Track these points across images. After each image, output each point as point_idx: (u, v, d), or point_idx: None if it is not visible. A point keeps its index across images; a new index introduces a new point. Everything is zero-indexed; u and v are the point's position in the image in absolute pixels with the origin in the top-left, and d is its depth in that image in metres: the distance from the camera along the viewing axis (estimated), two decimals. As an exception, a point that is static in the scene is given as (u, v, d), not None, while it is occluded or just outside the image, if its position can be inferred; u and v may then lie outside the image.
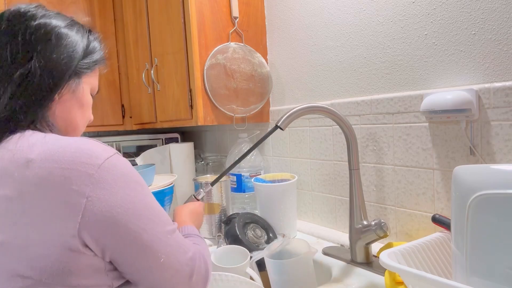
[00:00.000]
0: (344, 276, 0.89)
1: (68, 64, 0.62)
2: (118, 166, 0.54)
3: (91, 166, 0.51)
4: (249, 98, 1.35)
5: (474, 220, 0.60)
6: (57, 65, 0.61)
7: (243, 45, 1.36)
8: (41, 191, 0.50)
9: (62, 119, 0.64)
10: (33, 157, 0.52)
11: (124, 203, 0.53)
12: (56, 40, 0.61)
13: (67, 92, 0.63)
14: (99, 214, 0.51)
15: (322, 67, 1.20)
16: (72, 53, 0.63)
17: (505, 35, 0.78)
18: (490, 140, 0.81)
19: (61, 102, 0.63)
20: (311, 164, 1.26)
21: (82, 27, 0.68)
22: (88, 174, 0.51)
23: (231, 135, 1.71)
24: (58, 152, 0.52)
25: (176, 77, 1.38)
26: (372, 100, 1.04)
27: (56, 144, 0.54)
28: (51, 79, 0.60)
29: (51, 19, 0.63)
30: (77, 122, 0.67)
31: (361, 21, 1.06)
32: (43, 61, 0.59)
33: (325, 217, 1.23)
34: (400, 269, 0.64)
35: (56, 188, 0.50)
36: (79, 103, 0.66)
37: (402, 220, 1.00)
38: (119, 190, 0.53)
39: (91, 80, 0.69)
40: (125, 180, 0.54)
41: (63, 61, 0.61)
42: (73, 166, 0.51)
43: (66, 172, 0.51)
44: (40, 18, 0.62)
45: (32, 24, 0.60)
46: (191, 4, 1.25)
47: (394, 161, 1.00)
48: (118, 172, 0.54)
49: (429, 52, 0.91)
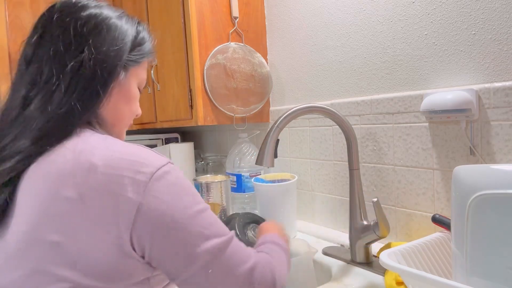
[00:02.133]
0: (344, 276, 0.89)
1: (118, 56, 0.60)
2: (170, 176, 0.54)
3: (145, 174, 0.52)
4: (249, 98, 1.35)
5: (474, 220, 0.60)
6: (108, 57, 0.59)
7: (243, 45, 1.36)
8: (100, 197, 0.51)
9: (110, 113, 0.63)
10: (95, 161, 0.52)
11: (174, 213, 0.52)
12: (107, 31, 0.60)
13: (115, 85, 0.62)
14: (149, 222, 0.51)
15: (322, 67, 1.20)
16: (122, 44, 0.61)
17: (505, 35, 0.78)
18: (490, 140, 0.81)
19: (110, 95, 0.62)
20: (311, 164, 1.26)
21: (131, 18, 0.66)
22: (141, 182, 0.52)
23: (231, 135, 1.71)
24: (118, 159, 0.53)
25: (176, 77, 1.38)
26: (372, 100, 1.04)
27: (116, 150, 0.54)
28: (103, 72, 0.58)
29: (101, 10, 0.61)
30: (124, 116, 0.66)
31: (361, 21, 1.06)
32: (94, 52, 0.57)
33: (325, 217, 1.23)
34: (400, 269, 0.64)
35: (113, 194, 0.51)
36: (126, 97, 0.65)
37: (402, 220, 1.00)
38: (170, 200, 0.53)
39: (139, 73, 0.67)
40: (175, 189, 0.54)
41: (112, 53, 0.59)
42: (129, 174, 0.52)
43: (123, 180, 0.51)
44: (90, 8, 0.60)
45: (82, 15, 0.59)
46: (191, 4, 1.25)
47: (394, 161, 1.00)
48: (169, 182, 0.54)
49: (429, 52, 0.91)
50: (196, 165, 1.79)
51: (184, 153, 1.61)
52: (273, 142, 0.89)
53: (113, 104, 0.63)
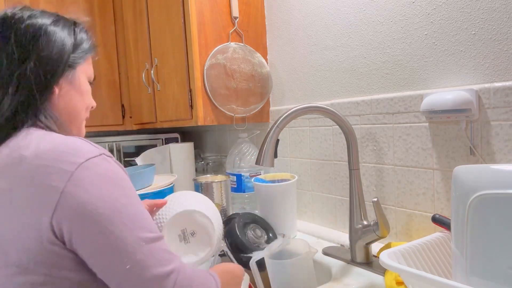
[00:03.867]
0: (344, 276, 0.89)
1: (60, 59, 0.65)
2: (99, 167, 0.56)
3: (72, 164, 0.54)
4: (249, 98, 1.35)
5: (474, 220, 0.60)
6: (50, 61, 0.64)
7: (243, 45, 1.36)
8: (26, 186, 0.54)
9: (65, 109, 0.68)
10: (26, 154, 0.56)
11: (96, 202, 0.54)
12: (46, 38, 0.64)
13: (66, 84, 0.67)
14: (70, 209, 0.53)
15: (322, 67, 1.20)
16: (62, 47, 0.66)
17: (505, 35, 0.78)
18: (490, 140, 0.81)
19: (62, 94, 0.67)
20: (311, 164, 1.27)
21: (67, 21, 0.70)
22: (66, 171, 0.54)
23: (231, 135, 1.71)
24: (48, 150, 0.56)
25: (176, 77, 1.38)
26: (372, 100, 1.04)
27: (49, 142, 0.57)
28: (46, 75, 0.63)
29: (37, 19, 0.65)
30: (79, 109, 0.71)
31: (361, 21, 1.06)
32: (36, 59, 0.62)
33: (325, 217, 1.23)
34: (400, 269, 0.64)
35: (38, 183, 0.54)
36: (78, 92, 0.70)
37: (402, 220, 1.00)
38: (94, 190, 0.54)
39: (86, 68, 0.72)
40: (102, 180, 0.55)
41: (54, 56, 0.65)
42: (56, 163, 0.54)
43: (49, 169, 0.54)
44: (27, 19, 0.64)
45: (21, 27, 0.63)
46: (191, 4, 1.25)
47: (394, 161, 1.00)
48: (96, 172, 0.55)
49: (429, 52, 0.91)
50: (196, 165, 1.79)
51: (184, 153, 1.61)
52: (273, 142, 0.88)
53: (66, 101, 0.68)
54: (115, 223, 0.54)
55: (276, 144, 0.89)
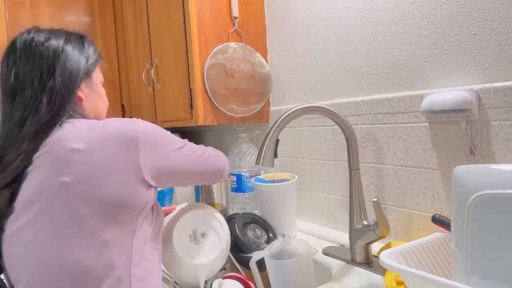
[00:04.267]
0: (344, 276, 0.89)
1: (78, 70, 0.79)
2: (145, 122, 0.75)
3: (132, 123, 0.73)
4: (249, 98, 1.35)
5: (474, 220, 0.60)
6: (72, 72, 0.77)
7: (243, 45, 1.36)
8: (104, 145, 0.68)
9: (91, 111, 0.83)
10: (90, 124, 0.71)
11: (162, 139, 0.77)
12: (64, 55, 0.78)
13: (88, 90, 0.81)
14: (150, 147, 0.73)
15: (322, 67, 1.20)
16: (78, 60, 0.80)
17: (505, 35, 0.78)
18: (490, 140, 0.81)
19: (87, 99, 0.81)
20: (311, 164, 1.27)
21: (75, 36, 0.83)
22: (133, 127, 0.72)
23: (231, 135, 1.71)
24: (105, 122, 0.72)
25: (176, 77, 1.38)
26: (372, 100, 1.04)
27: (101, 120, 0.79)
28: (70, 84, 0.76)
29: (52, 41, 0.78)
30: (102, 109, 0.87)
31: (361, 21, 1.06)
32: (61, 72, 0.76)
33: (325, 217, 1.23)
34: (400, 269, 0.64)
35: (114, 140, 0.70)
36: (98, 95, 0.85)
37: (402, 220, 1.00)
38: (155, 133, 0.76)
39: (98, 75, 0.87)
40: (154, 127, 0.76)
41: (74, 68, 0.78)
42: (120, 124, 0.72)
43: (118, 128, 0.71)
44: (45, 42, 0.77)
45: (43, 49, 0.76)
46: (191, 4, 1.25)
47: (394, 161, 1.00)
48: (147, 124, 0.75)
49: (429, 52, 0.91)
50: (196, 165, 1.78)
51: (184, 153, 1.61)
52: (273, 142, 0.88)
53: (92, 104, 0.83)
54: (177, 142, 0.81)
55: (276, 144, 0.89)
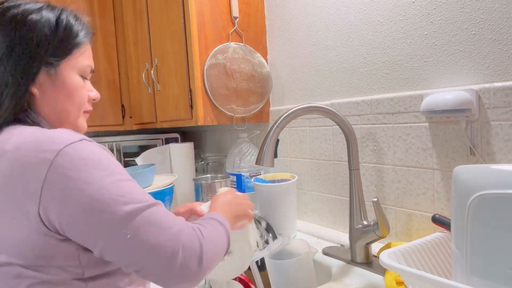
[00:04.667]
0: (344, 276, 0.89)
1: (32, 58, 0.60)
2: (80, 151, 0.54)
3: (50, 152, 0.53)
4: (249, 98, 1.35)
5: (474, 220, 0.60)
6: (21, 60, 0.60)
7: (243, 45, 1.36)
8: (9, 180, 0.53)
9: (52, 111, 0.64)
10: (7, 148, 0.55)
11: (81, 185, 0.52)
12: (18, 34, 0.60)
13: (47, 83, 0.62)
14: (54, 197, 0.52)
15: (322, 67, 1.20)
16: (36, 44, 0.61)
17: (505, 35, 0.78)
18: (490, 140, 0.81)
19: (44, 96, 0.62)
20: (311, 164, 1.26)
21: (52, 9, 0.64)
22: (46, 160, 0.52)
23: (231, 135, 1.71)
24: (28, 142, 0.54)
25: (176, 77, 1.38)
26: (372, 100, 1.04)
27: (29, 134, 0.56)
28: (18, 76, 0.60)
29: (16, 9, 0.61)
30: (68, 109, 0.66)
31: (361, 21, 1.06)
32: (6, 59, 0.59)
33: (325, 217, 1.23)
34: (400, 269, 0.64)
35: (21, 176, 0.53)
36: (64, 91, 0.64)
37: (402, 220, 1.00)
38: (77, 173, 0.52)
39: (76, 62, 0.66)
40: (85, 162, 0.53)
41: (26, 55, 0.60)
42: (36, 153, 0.53)
43: (29, 159, 0.53)
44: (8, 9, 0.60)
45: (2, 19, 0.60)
46: (191, 4, 1.25)
47: (394, 161, 1.00)
48: (78, 156, 0.53)
49: (429, 52, 0.91)
50: (196, 165, 1.79)
51: (184, 153, 1.61)
52: (273, 142, 0.88)
53: (51, 103, 0.64)
54: (105, 200, 0.52)
55: (276, 144, 0.89)
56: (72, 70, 0.65)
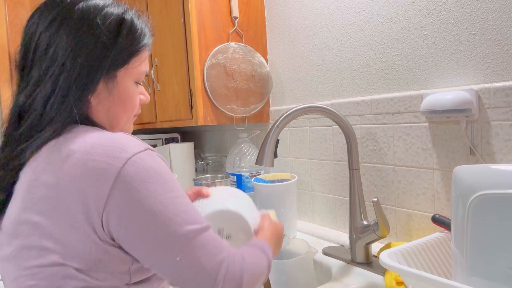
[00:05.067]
0: (344, 276, 0.89)
1: (95, 66, 0.59)
2: (145, 162, 0.54)
3: (120, 160, 0.53)
4: (249, 98, 1.35)
5: (474, 220, 0.60)
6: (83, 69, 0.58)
7: (243, 45, 1.36)
8: (74, 182, 0.52)
9: (103, 115, 0.63)
10: (74, 148, 0.54)
11: (143, 198, 0.53)
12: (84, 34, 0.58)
13: (104, 92, 0.61)
14: (118, 206, 0.52)
15: (322, 67, 1.20)
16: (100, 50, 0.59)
17: (505, 35, 0.78)
18: (490, 140, 0.81)
19: (99, 102, 0.62)
20: (311, 164, 1.26)
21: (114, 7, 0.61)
22: (115, 167, 0.52)
23: (231, 135, 1.71)
24: (95, 145, 0.54)
25: (176, 77, 1.38)
26: (372, 100, 1.04)
27: (97, 138, 0.55)
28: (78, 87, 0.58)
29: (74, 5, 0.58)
30: (119, 117, 0.66)
31: (361, 21, 1.06)
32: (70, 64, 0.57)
33: (325, 217, 1.23)
34: (400, 269, 0.64)
35: (87, 179, 0.52)
36: (118, 100, 0.64)
37: (402, 220, 1.00)
38: (141, 185, 0.53)
39: (134, 71, 0.64)
40: (148, 175, 0.54)
41: (89, 62, 0.58)
42: (105, 159, 0.53)
43: (99, 164, 0.52)
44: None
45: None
46: (191, 4, 1.25)
47: (394, 161, 1.00)
48: (143, 168, 0.54)
49: (429, 52, 0.91)
50: (196, 165, 1.79)
51: (184, 153, 1.61)
52: (273, 142, 0.89)
53: (105, 108, 0.63)
54: (162, 217, 0.53)
55: (276, 144, 0.89)
56: (129, 78, 0.64)
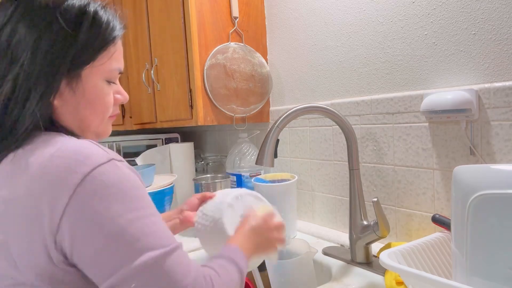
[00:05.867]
0: (344, 276, 0.89)
1: (56, 65, 0.53)
2: (106, 176, 0.49)
3: (77, 175, 0.48)
4: (249, 98, 1.35)
5: (474, 220, 0.60)
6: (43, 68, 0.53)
7: (243, 45, 1.36)
8: (30, 197, 0.49)
9: (71, 118, 0.58)
10: (32, 160, 0.50)
11: (100, 219, 0.48)
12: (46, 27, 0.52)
13: (67, 93, 0.56)
14: (72, 228, 0.48)
15: (322, 67, 1.20)
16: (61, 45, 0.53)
17: (505, 35, 0.78)
18: (490, 140, 0.81)
19: (64, 104, 0.56)
20: (311, 164, 1.26)
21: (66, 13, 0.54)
22: (72, 184, 0.48)
23: (231, 135, 1.71)
24: (53, 157, 0.50)
25: (176, 77, 1.38)
26: (372, 100, 1.04)
27: (55, 148, 0.51)
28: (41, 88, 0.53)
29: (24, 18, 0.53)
30: (89, 119, 0.59)
31: (361, 21, 1.06)
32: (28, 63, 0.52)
33: (325, 217, 1.23)
34: (400, 269, 0.64)
35: (43, 195, 0.48)
36: (85, 101, 0.57)
37: (402, 220, 1.00)
38: (98, 205, 0.48)
39: (101, 69, 0.58)
40: (108, 192, 0.49)
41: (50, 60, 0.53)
42: (61, 173, 0.48)
43: (53, 179, 0.48)
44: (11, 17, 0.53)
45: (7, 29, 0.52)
46: (191, 4, 1.25)
47: (394, 161, 1.00)
48: (103, 183, 0.49)
49: (429, 52, 0.91)
50: (196, 165, 1.79)
51: (184, 153, 1.61)
52: (273, 142, 0.89)
53: (71, 110, 0.57)
54: (121, 242, 0.48)
55: (276, 144, 0.89)
56: (97, 76, 0.58)
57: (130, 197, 0.51)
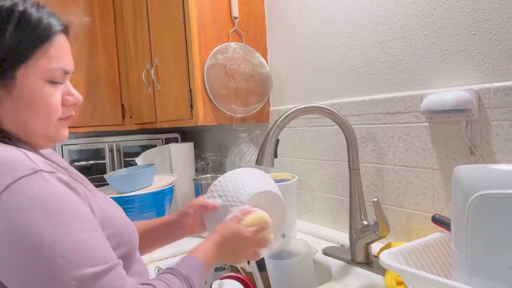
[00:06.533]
0: (344, 276, 0.89)
1: None
2: (30, 188, 0.47)
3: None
4: (249, 98, 1.35)
5: (474, 220, 0.60)
6: None
7: (243, 45, 1.36)
8: None
9: (13, 123, 0.55)
10: None
11: (22, 234, 0.45)
12: None
13: (3, 95, 0.53)
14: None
15: (322, 67, 1.20)
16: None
17: (505, 35, 0.78)
18: (490, 140, 0.81)
19: (2, 106, 0.54)
20: (311, 164, 1.26)
21: None
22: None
23: (231, 135, 1.71)
24: None
25: (176, 77, 1.38)
26: (372, 100, 1.04)
27: None
28: None
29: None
30: (33, 122, 0.56)
31: (361, 21, 1.06)
32: None
33: (325, 217, 1.23)
34: (400, 269, 0.64)
35: None
36: (24, 103, 0.54)
37: (402, 220, 1.00)
38: (20, 219, 0.46)
39: (38, 69, 0.55)
40: (30, 207, 0.46)
41: None
42: None
43: None
44: None
45: None
46: (191, 4, 1.25)
47: (394, 161, 1.00)
48: (25, 196, 0.47)
49: (429, 52, 0.91)
50: (196, 165, 1.79)
51: (184, 153, 1.61)
52: (273, 142, 0.89)
53: (11, 114, 0.55)
54: (43, 259, 0.45)
55: (276, 144, 0.89)
56: (34, 77, 0.54)
57: (55, 211, 0.48)
